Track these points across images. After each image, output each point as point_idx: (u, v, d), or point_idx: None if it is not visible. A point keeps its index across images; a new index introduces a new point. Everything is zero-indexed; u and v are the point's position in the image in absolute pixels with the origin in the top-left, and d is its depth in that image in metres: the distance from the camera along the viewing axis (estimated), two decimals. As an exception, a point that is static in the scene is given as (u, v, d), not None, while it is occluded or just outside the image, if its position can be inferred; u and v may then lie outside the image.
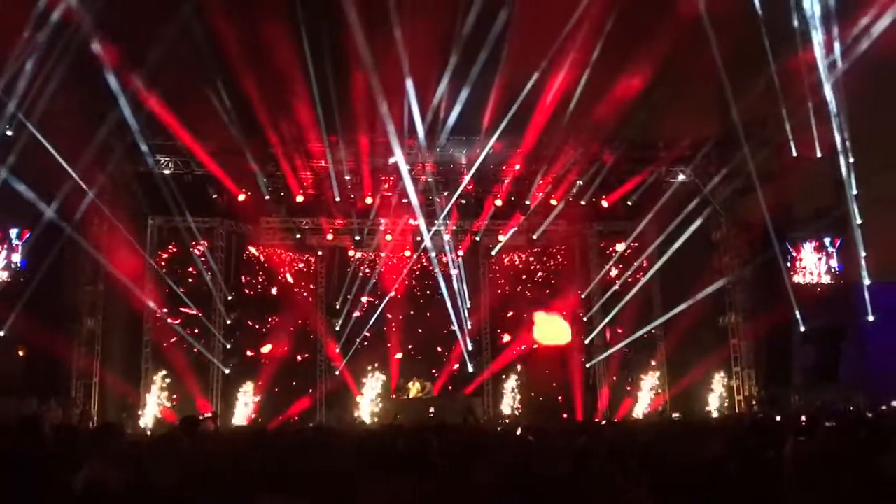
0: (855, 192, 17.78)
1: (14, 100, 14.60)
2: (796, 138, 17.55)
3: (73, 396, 18.14)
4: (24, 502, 3.49)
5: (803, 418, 12.64)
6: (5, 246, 17.65)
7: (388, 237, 22.00)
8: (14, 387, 16.29)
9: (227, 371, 20.75)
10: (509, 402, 22.21)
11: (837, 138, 16.82)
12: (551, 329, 22.44)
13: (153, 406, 19.47)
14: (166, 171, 19.47)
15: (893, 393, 18.14)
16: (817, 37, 15.16)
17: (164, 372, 19.85)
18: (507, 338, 23.09)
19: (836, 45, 15.08)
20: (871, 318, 18.76)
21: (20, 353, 17.12)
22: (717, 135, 19.08)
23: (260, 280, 22.67)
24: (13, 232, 17.59)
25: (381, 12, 14.62)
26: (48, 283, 16.89)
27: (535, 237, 22.49)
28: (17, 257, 17.51)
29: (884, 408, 16.44)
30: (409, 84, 16.35)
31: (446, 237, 21.94)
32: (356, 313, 22.46)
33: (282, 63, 15.98)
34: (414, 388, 21.18)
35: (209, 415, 18.68)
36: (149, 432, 16.82)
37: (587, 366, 22.46)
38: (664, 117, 17.93)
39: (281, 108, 17.41)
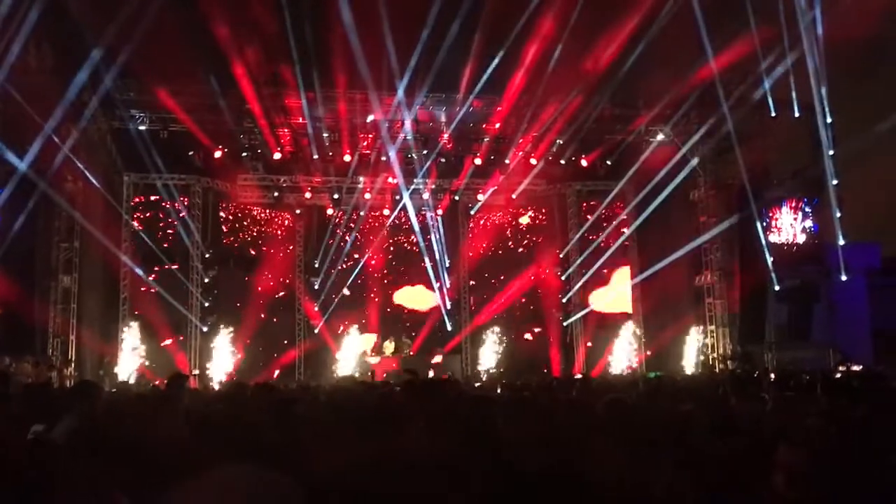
0: (831, 152, 17.91)
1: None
2: (775, 97, 17.62)
3: (49, 354, 18.02)
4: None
5: (772, 376, 12.88)
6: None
7: (367, 195, 21.90)
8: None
9: (204, 329, 20.71)
10: (488, 361, 22.37)
11: (815, 98, 16.88)
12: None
13: (131, 364, 19.41)
14: (141, 127, 19.16)
15: (863, 352, 18.51)
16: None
17: (141, 330, 19.76)
18: (485, 296, 23.17)
19: (817, 3, 15.05)
20: (844, 278, 19.05)
21: (-5, 311, 16.94)
22: (696, 93, 19.04)
23: (238, 238, 22.54)
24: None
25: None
26: (22, 239, 16.64)
27: (514, 196, 22.49)
28: (-11, 213, 17.21)
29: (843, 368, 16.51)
30: (388, 40, 16.16)
31: (425, 196, 21.90)
32: (335, 272, 22.42)
33: (259, 17, 15.72)
34: (390, 347, 21.27)
35: (196, 372, 18.78)
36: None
37: (564, 324, 22.67)
38: (644, 75, 17.86)
39: (258, 64, 17.16)
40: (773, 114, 18.07)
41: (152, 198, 20.67)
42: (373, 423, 4.61)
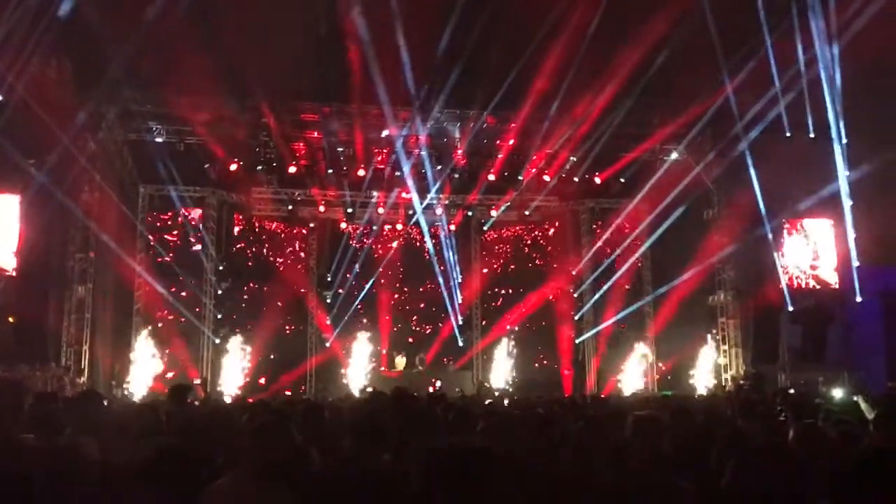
0: (847, 173, 17.81)
1: (5, 63, 14.44)
2: (790, 118, 17.54)
3: (64, 364, 18.12)
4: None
5: (791, 390, 12.81)
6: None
7: (381, 210, 21.95)
8: (3, 354, 16.25)
9: (217, 340, 20.76)
10: (499, 377, 22.26)
11: (831, 119, 16.81)
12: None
13: (143, 374, 19.46)
14: (158, 139, 19.34)
15: (878, 375, 18.30)
16: (814, 15, 15.09)
17: (153, 340, 19.82)
18: (497, 313, 23.11)
19: (833, 24, 15.03)
20: (859, 300, 18.90)
21: (10, 321, 17.07)
22: (710, 112, 18.99)
23: (251, 251, 22.64)
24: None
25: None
26: (38, 249, 16.82)
27: (527, 213, 22.50)
28: (6, 223, 17.35)
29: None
30: (404, 55, 16.25)
31: (438, 211, 21.93)
32: (347, 286, 22.44)
33: (276, 32, 15.86)
34: (401, 362, 21.22)
35: (198, 381, 18.78)
36: (137, 400, 16.81)
37: (576, 342, 22.56)
38: (658, 94, 17.86)
39: (274, 78, 17.29)
40: (788, 134, 17.99)
41: (167, 210, 20.82)
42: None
